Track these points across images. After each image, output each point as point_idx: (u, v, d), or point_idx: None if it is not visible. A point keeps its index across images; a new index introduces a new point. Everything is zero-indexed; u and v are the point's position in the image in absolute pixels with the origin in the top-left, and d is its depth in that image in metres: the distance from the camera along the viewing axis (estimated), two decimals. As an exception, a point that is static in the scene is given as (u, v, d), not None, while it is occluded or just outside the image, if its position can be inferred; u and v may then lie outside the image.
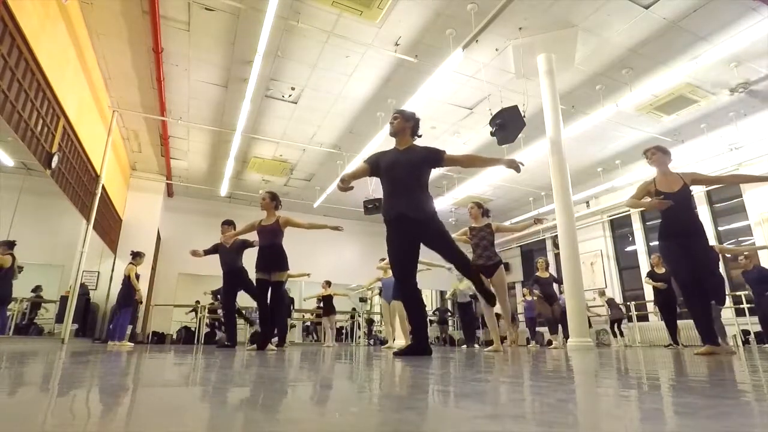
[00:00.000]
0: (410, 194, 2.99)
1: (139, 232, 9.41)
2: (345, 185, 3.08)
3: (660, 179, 3.65)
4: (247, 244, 5.48)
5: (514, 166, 3.04)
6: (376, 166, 3.18)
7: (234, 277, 5.42)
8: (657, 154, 3.67)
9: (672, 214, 3.48)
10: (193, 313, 9.96)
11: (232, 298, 5.48)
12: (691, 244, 3.38)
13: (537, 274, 7.51)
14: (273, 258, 4.56)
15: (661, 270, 6.73)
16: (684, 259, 3.44)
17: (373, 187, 9.63)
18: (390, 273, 6.64)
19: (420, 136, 3.29)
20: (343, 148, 8.72)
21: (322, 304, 9.32)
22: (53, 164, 5.14)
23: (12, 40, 3.94)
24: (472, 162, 3.11)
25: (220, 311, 9.06)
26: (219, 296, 11.06)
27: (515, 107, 5.67)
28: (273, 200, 4.74)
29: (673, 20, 5.39)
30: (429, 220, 2.97)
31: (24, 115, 4.37)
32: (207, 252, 5.56)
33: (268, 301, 4.62)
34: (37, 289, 7.89)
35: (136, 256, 6.90)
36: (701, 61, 6.02)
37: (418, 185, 3.01)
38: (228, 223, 5.63)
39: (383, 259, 6.78)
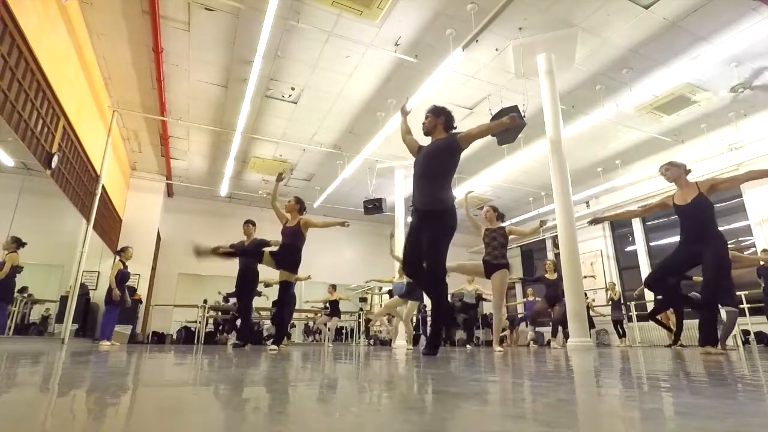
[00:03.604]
0: (424, 186, 3.00)
1: (139, 232, 9.41)
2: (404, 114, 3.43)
3: (678, 193, 3.71)
4: (264, 243, 5.61)
5: (515, 122, 2.91)
6: (417, 150, 3.24)
7: (246, 277, 5.58)
8: (671, 169, 3.70)
9: (685, 223, 3.60)
10: (202, 310, 9.66)
11: (248, 296, 5.67)
12: (701, 251, 3.44)
13: (545, 275, 7.50)
14: (286, 257, 4.64)
15: None
16: (680, 258, 3.56)
17: (373, 188, 9.64)
18: (402, 278, 6.68)
19: (455, 128, 3.23)
20: (343, 148, 8.72)
21: (328, 308, 9.32)
22: (53, 164, 5.14)
23: (12, 40, 3.94)
24: (486, 132, 3.11)
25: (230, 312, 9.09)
26: (228, 297, 11.04)
27: (515, 107, 5.67)
28: (298, 203, 4.88)
29: (673, 20, 5.39)
30: (436, 213, 2.93)
31: (24, 115, 4.37)
32: (233, 247, 5.72)
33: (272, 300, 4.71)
34: (23, 290, 7.85)
35: (121, 252, 6.90)
36: (701, 61, 6.02)
37: (433, 176, 2.99)
38: (251, 223, 5.82)
39: None
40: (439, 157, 3.03)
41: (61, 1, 4.68)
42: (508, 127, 2.92)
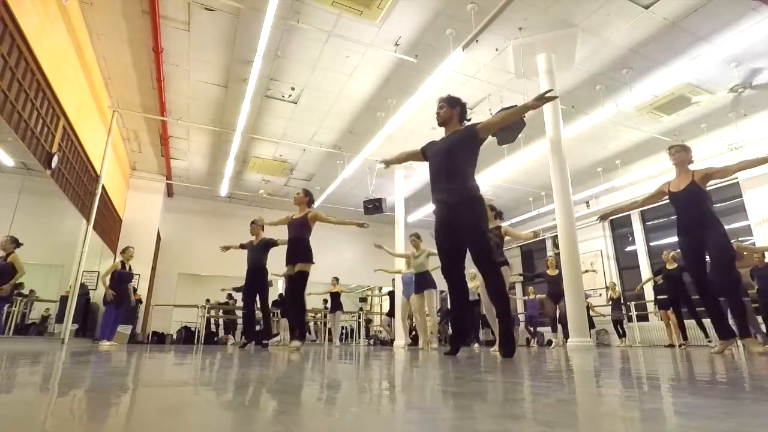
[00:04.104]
0: (447, 180, 2.89)
1: (139, 232, 9.41)
2: (389, 162, 3.35)
3: (675, 179, 3.76)
4: (272, 243, 5.71)
5: (546, 99, 2.76)
6: (425, 153, 3.17)
7: (255, 276, 5.64)
8: (680, 152, 3.75)
9: (680, 211, 3.64)
10: (202, 310, 9.58)
11: (252, 296, 5.71)
12: (703, 239, 3.43)
13: (547, 271, 7.50)
14: (297, 250, 4.61)
15: (673, 266, 6.76)
16: (693, 255, 3.54)
17: (373, 188, 9.65)
18: (410, 267, 6.65)
19: (469, 120, 3.14)
20: (343, 148, 8.72)
21: (329, 302, 9.30)
22: (53, 164, 5.14)
23: (12, 40, 3.94)
24: (507, 119, 3.04)
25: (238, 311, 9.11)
26: (233, 294, 11.02)
27: (515, 107, 5.66)
28: (306, 196, 4.86)
29: (673, 20, 5.39)
30: (463, 204, 2.79)
31: (24, 115, 4.37)
32: (243, 246, 5.88)
33: (289, 293, 4.73)
34: (18, 286, 7.83)
35: (122, 252, 6.86)
36: (701, 61, 6.02)
37: (455, 169, 2.88)
38: (256, 223, 5.85)
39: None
40: (459, 150, 2.91)
41: (61, 1, 4.68)
42: (532, 108, 2.83)
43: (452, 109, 3.08)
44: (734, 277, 4.46)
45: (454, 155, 2.91)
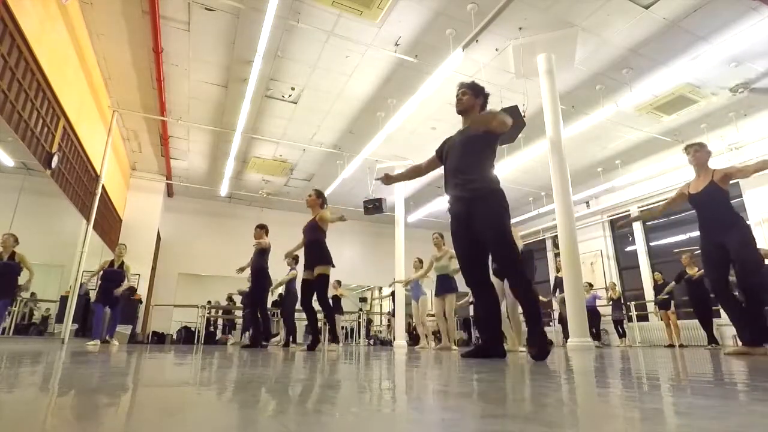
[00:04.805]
0: (462, 173, 2.64)
1: (139, 232, 9.41)
2: (391, 181, 2.99)
3: (693, 182, 3.63)
4: (264, 251, 5.91)
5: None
6: (440, 153, 2.93)
7: (254, 279, 5.81)
8: (700, 152, 3.61)
9: (700, 213, 3.51)
10: (202, 310, 9.56)
11: (252, 300, 5.87)
12: (725, 240, 3.29)
13: (558, 275, 7.52)
14: (312, 254, 4.52)
15: (693, 270, 6.73)
16: (712, 258, 3.38)
17: (373, 188, 9.64)
18: (420, 272, 6.71)
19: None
20: (343, 148, 8.72)
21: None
22: (53, 164, 5.14)
23: (12, 40, 3.95)
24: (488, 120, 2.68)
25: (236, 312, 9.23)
26: (233, 297, 11.09)
27: (515, 107, 5.67)
28: (318, 198, 4.75)
29: (673, 20, 5.39)
30: (481, 199, 2.54)
31: (24, 115, 4.37)
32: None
33: (304, 298, 4.66)
34: (19, 288, 7.76)
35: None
36: (701, 61, 6.02)
37: (472, 162, 2.63)
38: (261, 227, 5.90)
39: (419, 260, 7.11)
40: (477, 142, 2.66)
41: (61, 1, 4.68)
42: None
43: (475, 98, 2.87)
44: (758, 280, 4.32)
45: (471, 147, 2.68)
